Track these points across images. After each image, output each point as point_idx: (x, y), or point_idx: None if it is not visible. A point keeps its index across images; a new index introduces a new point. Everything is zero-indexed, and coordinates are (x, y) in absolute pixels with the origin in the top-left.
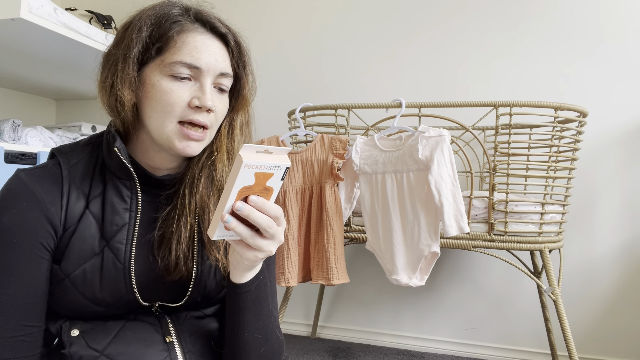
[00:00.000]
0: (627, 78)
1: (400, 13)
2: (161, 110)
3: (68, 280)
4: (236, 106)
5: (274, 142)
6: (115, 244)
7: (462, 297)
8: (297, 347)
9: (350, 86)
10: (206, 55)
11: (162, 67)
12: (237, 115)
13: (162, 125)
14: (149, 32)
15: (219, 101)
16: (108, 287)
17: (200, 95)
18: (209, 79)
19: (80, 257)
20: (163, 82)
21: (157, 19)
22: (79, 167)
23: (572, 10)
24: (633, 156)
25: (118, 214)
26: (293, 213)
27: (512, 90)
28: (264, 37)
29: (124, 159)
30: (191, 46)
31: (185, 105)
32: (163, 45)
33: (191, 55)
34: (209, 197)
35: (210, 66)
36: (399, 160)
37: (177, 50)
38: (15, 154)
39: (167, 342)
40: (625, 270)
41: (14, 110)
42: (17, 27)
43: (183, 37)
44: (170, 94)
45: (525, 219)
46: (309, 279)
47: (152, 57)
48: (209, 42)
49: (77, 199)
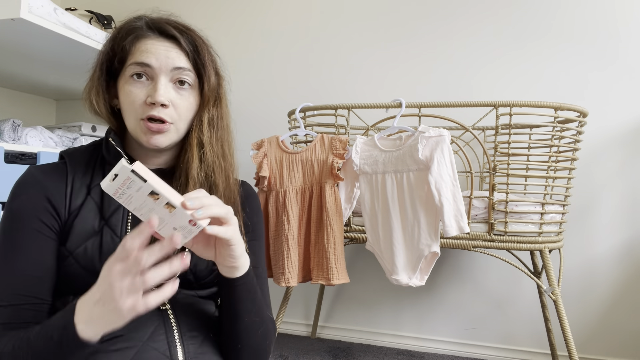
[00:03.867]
0: (627, 78)
1: (400, 13)
2: (127, 110)
3: (72, 257)
4: (202, 102)
5: (274, 142)
6: (112, 222)
7: (462, 297)
8: (297, 347)
9: (350, 86)
10: (155, 55)
11: (124, 72)
12: (204, 111)
13: (131, 123)
14: (110, 46)
15: (178, 96)
16: (106, 260)
17: (153, 93)
18: (162, 75)
19: (82, 235)
20: (126, 86)
21: (114, 36)
22: (82, 163)
23: (572, 10)
24: (633, 156)
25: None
26: (293, 213)
27: (512, 90)
28: (263, 37)
29: (117, 146)
30: (142, 49)
31: (142, 103)
32: (123, 56)
33: (141, 56)
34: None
35: (161, 63)
36: (399, 160)
37: (132, 56)
38: (15, 154)
39: (160, 309)
40: (625, 270)
41: (14, 110)
42: (17, 27)
43: (137, 44)
44: (130, 95)
45: (525, 219)
46: (309, 279)
47: (117, 68)
48: (159, 44)
49: (80, 188)
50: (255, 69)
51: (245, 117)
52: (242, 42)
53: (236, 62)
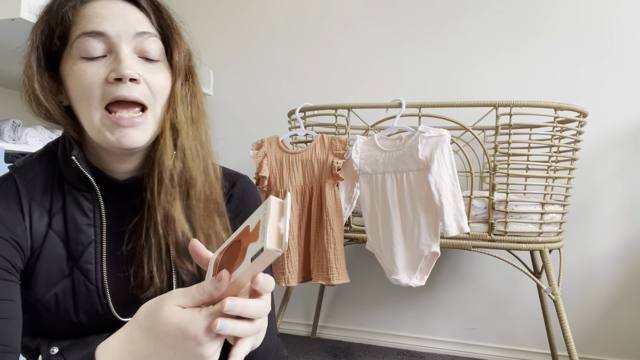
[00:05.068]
0: (627, 78)
1: (400, 13)
2: (81, 100)
3: (40, 305)
4: (173, 75)
5: (274, 142)
6: (83, 265)
7: (462, 297)
8: (297, 347)
9: (350, 86)
10: (110, 19)
11: (70, 52)
12: (175, 87)
13: (90, 116)
14: (45, 25)
15: (147, 70)
16: (83, 310)
17: (116, 66)
18: (123, 44)
19: (50, 281)
20: (75, 67)
21: (48, 7)
22: (36, 182)
23: (573, 10)
24: (633, 156)
25: (82, 231)
26: (293, 213)
27: (512, 90)
28: (263, 37)
29: (82, 168)
30: (90, 15)
31: (103, 83)
32: (64, 29)
33: (91, 23)
34: (172, 202)
35: (120, 28)
36: (399, 160)
37: (77, 27)
38: (15, 154)
39: None
40: (625, 270)
41: (14, 110)
42: (17, 27)
43: (81, 11)
44: (83, 77)
45: (525, 219)
46: (309, 279)
47: (58, 47)
48: (112, 5)
49: (40, 216)
50: (255, 69)
51: (245, 117)
52: (242, 41)
53: (236, 61)
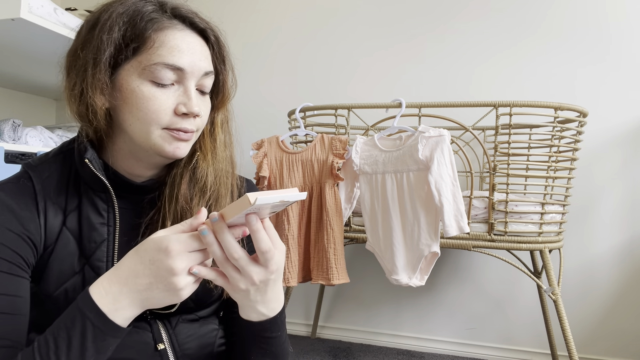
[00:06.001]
0: (627, 78)
1: (400, 13)
2: (143, 118)
3: (50, 300)
4: (217, 103)
5: (274, 142)
6: (95, 262)
7: (462, 297)
8: (297, 347)
9: (350, 86)
10: (189, 55)
11: (140, 70)
12: (218, 113)
13: (148, 132)
14: (122, 33)
15: (203, 104)
16: None
17: (186, 101)
18: (192, 81)
19: (60, 277)
20: (144, 88)
21: (131, 17)
22: (52, 180)
23: (572, 10)
24: (633, 156)
25: (95, 229)
26: (293, 213)
27: (512, 90)
28: (263, 37)
29: (96, 171)
30: (171, 45)
31: (171, 112)
32: (140, 46)
33: (172, 55)
34: (191, 198)
35: (194, 67)
36: (399, 160)
37: (156, 51)
38: (15, 154)
39: (159, 349)
40: (625, 270)
41: (14, 110)
42: (17, 27)
43: (161, 36)
44: (153, 100)
45: (525, 219)
46: (309, 279)
47: (127, 58)
48: (190, 39)
49: (55, 214)
50: (255, 69)
51: (245, 117)
52: (242, 41)
53: (235, 61)
